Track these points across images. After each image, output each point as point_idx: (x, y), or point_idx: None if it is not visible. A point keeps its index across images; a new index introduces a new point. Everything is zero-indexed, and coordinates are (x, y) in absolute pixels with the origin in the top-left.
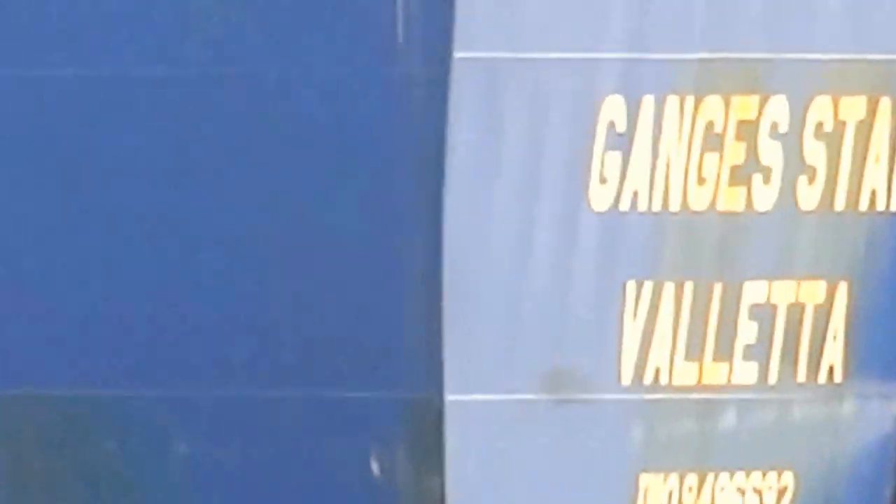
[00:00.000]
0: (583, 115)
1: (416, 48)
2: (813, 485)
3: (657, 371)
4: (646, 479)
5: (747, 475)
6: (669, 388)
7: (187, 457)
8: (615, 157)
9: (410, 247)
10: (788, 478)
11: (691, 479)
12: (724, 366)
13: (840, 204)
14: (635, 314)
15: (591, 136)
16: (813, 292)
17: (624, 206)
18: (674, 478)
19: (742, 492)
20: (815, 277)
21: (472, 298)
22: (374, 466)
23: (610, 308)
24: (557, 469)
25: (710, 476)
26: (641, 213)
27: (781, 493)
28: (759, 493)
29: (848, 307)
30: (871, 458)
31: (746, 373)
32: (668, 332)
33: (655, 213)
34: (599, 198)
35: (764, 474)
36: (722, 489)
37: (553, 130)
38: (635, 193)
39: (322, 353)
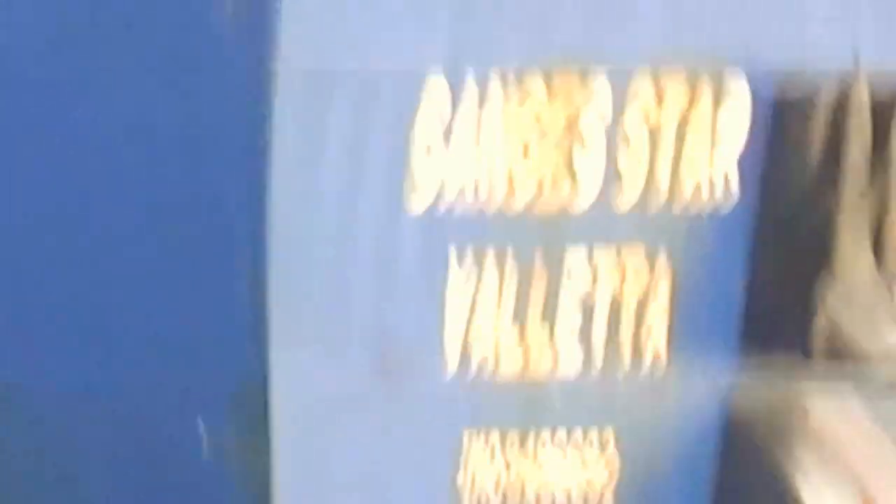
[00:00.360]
0: (404, 123)
1: (242, 56)
2: (638, 448)
3: (483, 357)
4: (470, 439)
5: (571, 433)
6: (494, 374)
7: (26, 444)
8: (435, 161)
9: (239, 240)
10: (610, 435)
11: (514, 437)
12: (549, 352)
13: (662, 198)
14: (460, 299)
15: (411, 135)
16: (637, 282)
17: (445, 203)
18: (495, 437)
19: (564, 450)
20: (638, 268)
21: (296, 289)
22: (205, 447)
23: (434, 297)
24: (384, 453)
25: (534, 434)
26: (463, 214)
27: (603, 451)
28: (580, 452)
29: (671, 296)
30: (695, 437)
31: (571, 359)
32: (493, 313)
33: (477, 213)
34: (419, 202)
35: (588, 432)
36: (546, 447)
37: (375, 137)
38: (455, 195)
39: (153, 340)
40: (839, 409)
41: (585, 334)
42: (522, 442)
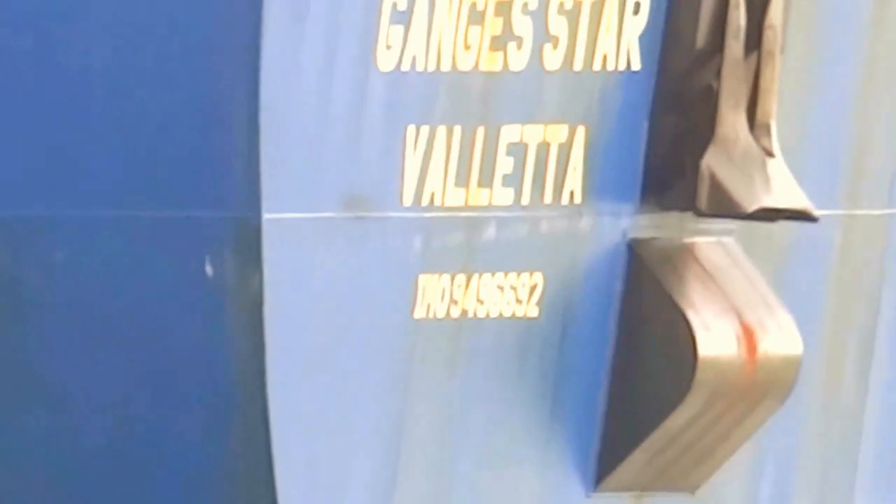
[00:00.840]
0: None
1: None
2: (557, 282)
3: (433, 194)
4: (424, 279)
5: (505, 275)
6: (442, 208)
7: (64, 264)
8: (398, 29)
9: (235, 95)
10: (538, 277)
11: (460, 278)
12: (487, 190)
13: (578, 65)
14: (415, 150)
15: (379, 13)
16: (557, 133)
17: (405, 67)
18: (446, 278)
19: (501, 288)
20: (558, 122)
21: (284, 136)
22: (208, 269)
23: (395, 145)
24: (354, 272)
25: (476, 276)
26: (419, 73)
27: (532, 289)
28: (514, 289)
29: (585, 145)
30: (604, 260)
31: (504, 196)
32: (441, 165)
33: (430, 73)
34: (385, 61)
35: (518, 274)
36: (485, 286)
37: (348, 7)
38: (414, 58)
39: (166, 179)
40: (722, 252)
41: (516, 176)
42: (468, 284)
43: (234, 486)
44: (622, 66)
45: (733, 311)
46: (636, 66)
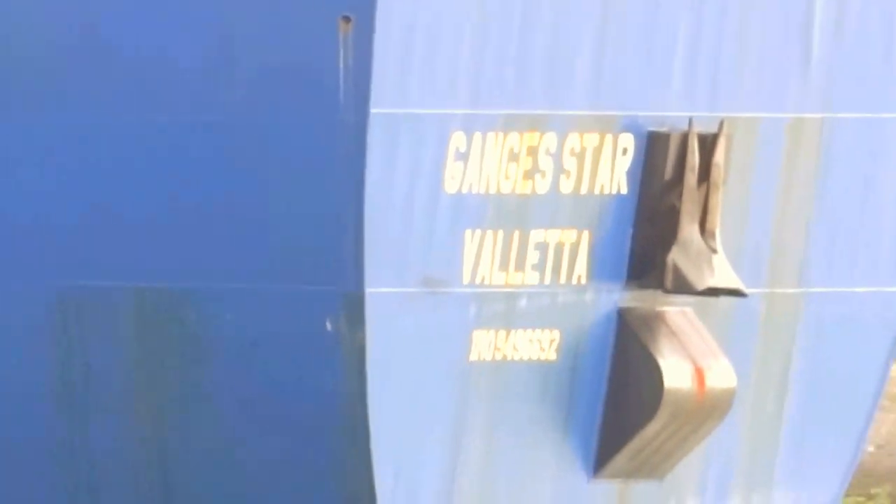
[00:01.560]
0: (441, 143)
1: (352, 103)
2: (569, 336)
3: (483, 277)
4: (476, 334)
5: (533, 331)
6: (490, 285)
7: (230, 321)
8: (459, 165)
9: (346, 210)
10: (556, 333)
11: (501, 333)
12: (520, 274)
13: (584, 190)
14: (471, 244)
15: (446, 153)
16: (569, 236)
17: (464, 190)
18: (492, 333)
19: (530, 341)
20: (570, 228)
21: (381, 236)
22: (328, 325)
23: (457, 243)
24: (428, 329)
25: (512, 332)
26: (475, 195)
27: (552, 342)
28: (539, 341)
29: (589, 244)
30: (601, 322)
31: (532, 278)
32: (489, 257)
33: (482, 195)
34: (450, 186)
35: (542, 330)
36: (519, 339)
37: (425, 149)
38: (471, 184)
39: (303, 265)
40: (683, 318)
41: (541, 265)
42: (506, 336)
43: (341, 478)
44: (614, 191)
45: (689, 358)
46: (624, 191)
